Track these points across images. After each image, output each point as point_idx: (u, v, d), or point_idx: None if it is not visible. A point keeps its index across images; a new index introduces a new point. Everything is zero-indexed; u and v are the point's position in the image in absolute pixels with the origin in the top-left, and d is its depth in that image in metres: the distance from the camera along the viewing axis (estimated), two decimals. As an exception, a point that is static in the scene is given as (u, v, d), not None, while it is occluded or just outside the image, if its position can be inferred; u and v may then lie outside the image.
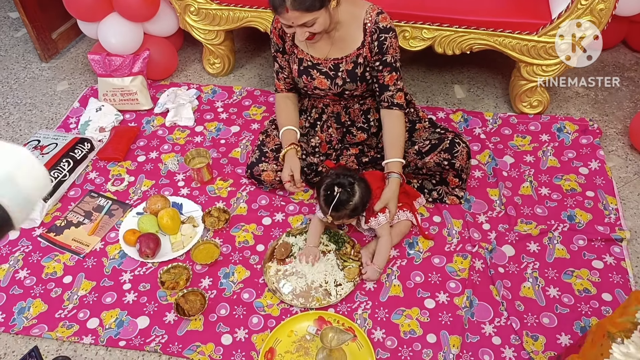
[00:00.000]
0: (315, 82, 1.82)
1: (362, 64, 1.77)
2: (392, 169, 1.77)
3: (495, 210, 1.92)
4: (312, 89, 1.86)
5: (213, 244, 1.81)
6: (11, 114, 2.45)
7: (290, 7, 1.54)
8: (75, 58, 2.78)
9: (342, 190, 1.60)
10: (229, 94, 2.48)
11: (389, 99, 1.79)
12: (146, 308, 1.68)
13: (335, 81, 1.80)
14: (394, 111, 1.80)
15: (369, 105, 1.91)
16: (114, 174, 2.11)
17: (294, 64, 1.84)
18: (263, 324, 1.63)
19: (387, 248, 1.72)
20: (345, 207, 1.62)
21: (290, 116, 1.95)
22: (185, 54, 2.75)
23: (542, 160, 2.10)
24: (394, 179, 1.75)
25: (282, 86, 1.96)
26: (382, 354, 1.55)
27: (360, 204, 1.64)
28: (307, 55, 1.80)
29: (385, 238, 1.73)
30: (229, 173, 2.10)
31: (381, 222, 1.72)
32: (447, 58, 2.26)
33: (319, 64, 1.80)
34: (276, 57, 1.89)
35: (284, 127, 1.91)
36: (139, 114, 2.38)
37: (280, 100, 1.98)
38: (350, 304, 1.67)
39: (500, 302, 1.66)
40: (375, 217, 1.71)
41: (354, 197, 1.62)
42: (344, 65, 1.78)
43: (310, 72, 1.82)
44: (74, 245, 1.85)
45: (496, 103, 2.41)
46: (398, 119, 1.81)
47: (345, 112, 1.93)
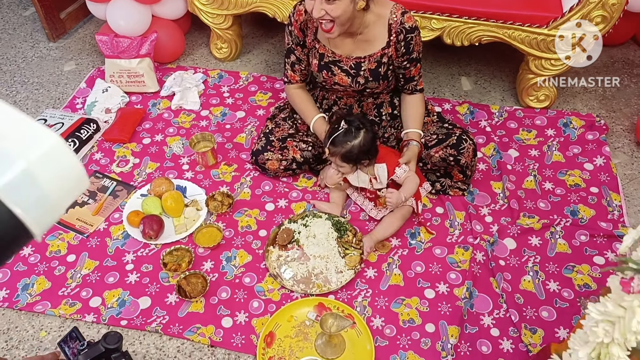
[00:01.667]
0: (336, 78, 1.82)
1: (387, 63, 1.77)
2: (411, 137, 1.82)
3: (498, 203, 1.93)
4: (331, 84, 1.85)
5: (216, 228, 1.82)
6: (18, 92, 2.46)
7: None
8: (83, 38, 2.78)
9: (348, 127, 1.63)
10: (236, 79, 2.48)
11: (413, 87, 1.86)
12: (148, 289, 1.69)
13: (357, 79, 1.80)
14: (416, 95, 1.88)
15: (382, 100, 1.92)
16: (119, 156, 2.12)
17: (314, 58, 1.83)
18: (263, 308, 1.64)
19: (415, 182, 1.74)
20: (342, 145, 1.65)
21: (314, 105, 1.95)
22: (192, 38, 2.75)
23: (547, 154, 2.10)
24: (414, 147, 1.80)
25: (297, 77, 1.93)
26: (380, 341, 1.56)
27: (357, 151, 1.66)
28: (328, 51, 1.79)
29: (411, 177, 1.73)
30: (233, 158, 2.10)
31: (406, 169, 1.74)
32: (455, 49, 2.25)
33: (341, 61, 1.79)
34: (294, 50, 1.86)
35: (315, 116, 1.90)
36: (145, 96, 2.39)
37: (296, 91, 1.96)
38: (351, 291, 1.68)
39: (500, 295, 1.67)
40: (399, 166, 1.74)
41: (355, 139, 1.65)
42: (367, 65, 1.77)
43: (331, 68, 1.81)
44: (78, 225, 1.86)
45: (503, 96, 2.40)
46: (419, 98, 1.89)
47: (359, 105, 1.92)
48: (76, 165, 0.55)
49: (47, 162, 0.52)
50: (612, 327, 0.78)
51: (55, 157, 0.53)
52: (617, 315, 0.77)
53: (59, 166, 0.54)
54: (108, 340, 1.14)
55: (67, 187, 0.55)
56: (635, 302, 0.75)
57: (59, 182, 0.54)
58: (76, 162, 0.55)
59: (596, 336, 0.79)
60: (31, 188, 0.52)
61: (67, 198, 0.55)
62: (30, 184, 0.52)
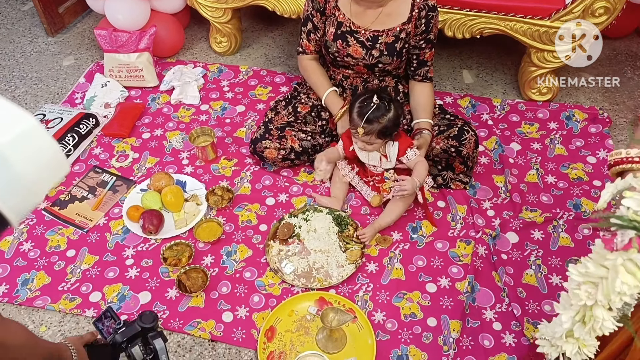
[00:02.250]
0: (350, 49, 1.80)
1: (404, 39, 1.76)
2: (423, 127, 1.82)
3: (501, 197, 1.91)
4: (344, 55, 1.83)
5: (216, 223, 1.81)
6: (17, 87, 2.45)
7: None
8: (82, 33, 2.76)
9: (380, 102, 1.63)
10: (235, 73, 2.46)
11: (424, 73, 1.85)
12: (148, 284, 1.68)
13: (372, 52, 1.79)
14: (426, 83, 1.87)
15: (387, 83, 1.91)
16: (118, 150, 2.11)
17: (332, 26, 1.81)
18: (264, 303, 1.64)
19: (425, 167, 1.74)
20: (379, 121, 1.64)
21: (327, 78, 1.95)
22: (192, 32, 2.73)
23: (550, 148, 2.09)
24: (426, 135, 1.80)
25: (312, 47, 1.91)
26: (382, 335, 1.56)
27: (392, 124, 1.66)
28: (347, 20, 1.78)
29: (421, 162, 1.73)
30: (233, 152, 2.09)
31: (417, 152, 1.74)
32: (457, 42, 2.23)
33: (358, 32, 1.78)
34: (312, 16, 1.84)
35: (328, 89, 1.90)
36: (145, 91, 2.37)
37: (310, 62, 1.95)
38: (352, 285, 1.67)
39: (502, 289, 1.66)
40: (412, 147, 1.74)
41: (389, 112, 1.65)
42: (384, 38, 1.77)
43: (347, 38, 1.79)
44: (78, 220, 1.85)
45: (505, 89, 2.38)
46: (429, 88, 1.88)
47: (364, 87, 1.91)
48: (52, 148, 0.53)
49: (20, 145, 0.49)
50: (595, 288, 0.75)
51: (29, 140, 0.50)
52: (599, 276, 0.73)
53: (33, 149, 0.51)
54: (144, 320, 1.14)
55: (43, 171, 0.52)
56: (619, 259, 0.72)
57: (34, 165, 0.51)
58: (52, 145, 0.53)
59: (579, 299, 0.76)
60: (2, 171, 0.48)
61: (44, 183, 0.53)
62: (3, 167, 0.48)
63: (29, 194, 0.51)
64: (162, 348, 1.14)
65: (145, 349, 1.14)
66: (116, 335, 1.12)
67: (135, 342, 1.13)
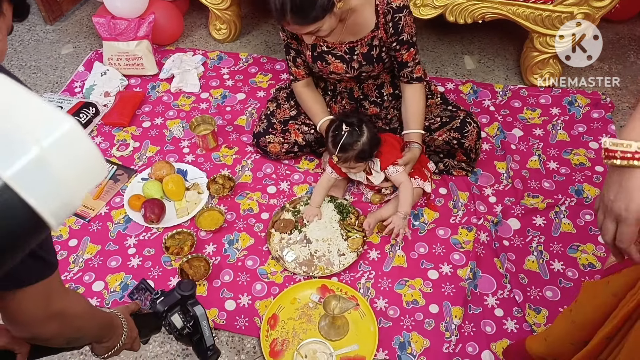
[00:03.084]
0: (331, 67, 1.77)
1: (378, 45, 1.71)
2: (413, 139, 1.77)
3: (502, 183, 1.91)
4: (327, 73, 1.81)
5: (217, 211, 1.81)
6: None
7: (291, 20, 1.49)
8: (80, 21, 2.74)
9: (351, 129, 1.59)
10: (235, 60, 2.45)
11: (408, 74, 1.76)
12: (151, 272, 1.69)
13: (351, 64, 1.75)
14: (415, 84, 1.78)
15: (382, 80, 1.86)
16: (119, 139, 2.10)
17: (307, 50, 1.77)
18: (266, 291, 1.64)
19: (409, 192, 1.70)
20: (353, 147, 1.60)
21: (323, 104, 1.90)
22: (191, 19, 2.71)
23: (552, 133, 2.07)
24: (416, 149, 1.75)
25: (302, 72, 1.85)
26: (384, 322, 1.56)
27: (368, 147, 1.62)
28: (320, 41, 1.73)
29: (405, 184, 1.70)
30: (234, 141, 2.08)
31: (399, 170, 1.70)
32: (458, 27, 2.21)
33: (334, 49, 1.74)
34: (290, 43, 1.79)
35: (322, 118, 1.84)
36: (144, 79, 2.36)
37: (303, 90, 1.89)
38: (354, 273, 1.68)
39: (504, 275, 1.66)
40: (394, 164, 1.70)
41: (362, 136, 1.60)
42: (359, 49, 1.72)
43: (325, 57, 1.76)
44: (79, 209, 1.85)
45: (507, 75, 2.36)
46: (418, 91, 1.78)
47: (359, 88, 1.88)
48: (93, 152, 0.51)
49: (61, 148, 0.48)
50: None
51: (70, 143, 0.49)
52: None
53: (74, 152, 0.50)
54: (182, 288, 1.15)
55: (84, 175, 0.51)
56: None
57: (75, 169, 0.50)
58: (93, 148, 0.51)
59: None
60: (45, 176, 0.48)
61: (85, 186, 0.52)
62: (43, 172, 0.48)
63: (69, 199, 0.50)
64: (203, 314, 1.15)
65: (185, 317, 1.15)
66: (157, 304, 1.14)
67: (175, 310, 1.15)
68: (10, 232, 0.48)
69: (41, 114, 0.49)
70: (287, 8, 1.46)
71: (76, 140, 0.50)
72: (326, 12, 1.50)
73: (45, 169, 0.47)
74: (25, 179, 0.46)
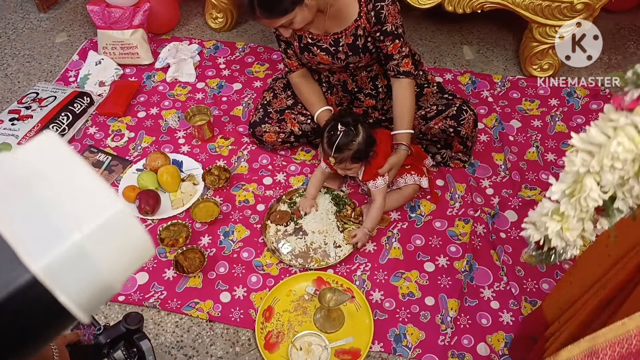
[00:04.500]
0: (318, 58, 1.75)
1: (362, 35, 1.67)
2: (400, 140, 1.73)
3: (500, 175, 1.90)
4: (315, 64, 1.79)
5: (213, 203, 1.80)
6: (9, 65, 2.41)
7: (261, 14, 1.49)
8: (75, 9, 2.70)
9: (346, 129, 1.57)
10: (232, 50, 2.42)
11: (394, 68, 1.71)
12: (145, 264, 1.68)
13: (337, 56, 1.72)
14: (402, 80, 1.73)
15: (376, 72, 1.83)
16: (113, 130, 2.08)
17: (294, 40, 1.75)
18: (262, 283, 1.63)
19: (378, 213, 1.68)
20: (348, 148, 1.58)
21: (320, 94, 1.88)
22: (187, 7, 2.67)
23: (550, 125, 2.06)
24: (402, 151, 1.71)
25: (295, 63, 1.83)
26: (380, 315, 1.56)
27: (364, 147, 1.60)
28: (305, 32, 1.71)
29: (378, 203, 1.68)
30: (230, 131, 2.06)
31: (379, 186, 1.67)
32: (457, 17, 2.18)
33: (319, 40, 1.71)
34: (279, 35, 1.77)
35: (319, 108, 1.83)
36: (140, 69, 2.33)
37: (299, 81, 1.86)
38: (350, 265, 1.67)
39: (501, 267, 1.65)
40: (374, 179, 1.68)
41: (357, 136, 1.58)
42: (344, 39, 1.69)
43: (311, 49, 1.73)
44: (74, 200, 1.84)
45: (506, 65, 2.34)
46: (407, 88, 1.73)
47: (352, 80, 1.86)
48: (141, 238, 0.45)
49: (104, 236, 0.42)
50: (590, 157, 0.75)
51: (115, 230, 0.43)
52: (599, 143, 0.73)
53: (119, 241, 0.44)
54: (129, 321, 1.11)
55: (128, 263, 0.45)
56: (622, 120, 0.71)
57: (118, 259, 0.44)
58: (142, 234, 0.45)
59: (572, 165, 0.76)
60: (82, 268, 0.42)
61: (127, 272, 0.46)
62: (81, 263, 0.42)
63: (107, 289, 0.44)
64: (149, 349, 1.11)
65: (128, 353, 1.11)
66: (100, 337, 1.09)
67: (118, 346, 1.10)
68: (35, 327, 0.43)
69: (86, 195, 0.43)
70: (254, 2, 1.46)
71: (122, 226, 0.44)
72: (296, 5, 1.49)
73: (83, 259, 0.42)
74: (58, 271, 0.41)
